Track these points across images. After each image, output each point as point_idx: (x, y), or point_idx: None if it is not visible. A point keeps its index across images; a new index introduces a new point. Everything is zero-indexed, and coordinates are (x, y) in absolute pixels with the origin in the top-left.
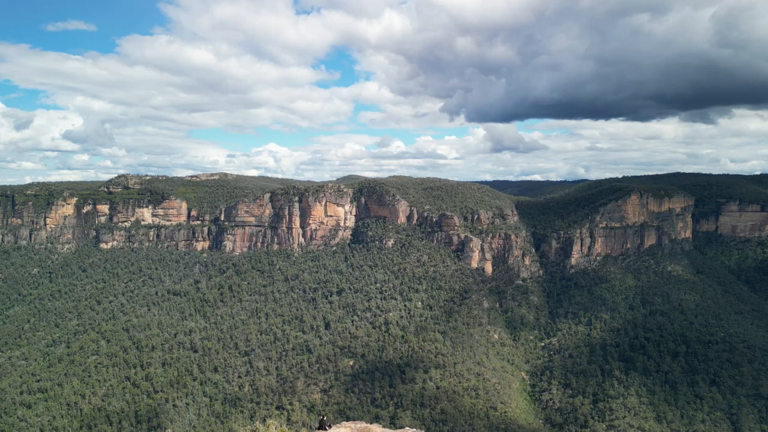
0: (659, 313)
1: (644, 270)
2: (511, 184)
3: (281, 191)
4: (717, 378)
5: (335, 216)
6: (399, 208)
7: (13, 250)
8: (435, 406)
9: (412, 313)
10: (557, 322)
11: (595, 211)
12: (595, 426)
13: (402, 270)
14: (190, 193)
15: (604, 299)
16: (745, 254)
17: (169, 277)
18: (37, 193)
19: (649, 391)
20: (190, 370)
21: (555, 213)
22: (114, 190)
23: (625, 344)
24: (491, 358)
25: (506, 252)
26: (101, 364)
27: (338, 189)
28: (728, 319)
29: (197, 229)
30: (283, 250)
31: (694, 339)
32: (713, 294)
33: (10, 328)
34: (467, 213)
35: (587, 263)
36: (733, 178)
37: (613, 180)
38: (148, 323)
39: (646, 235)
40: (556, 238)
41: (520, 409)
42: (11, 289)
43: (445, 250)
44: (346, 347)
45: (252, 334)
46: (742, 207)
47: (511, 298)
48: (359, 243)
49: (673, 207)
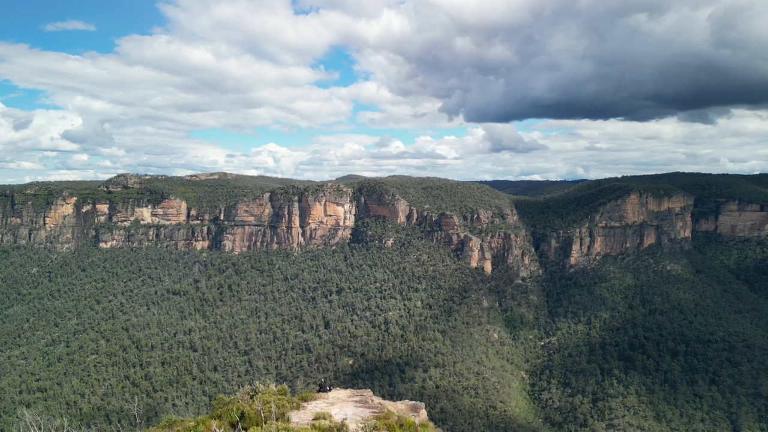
0: (659, 312)
1: (644, 269)
2: (511, 184)
3: (281, 191)
4: (716, 377)
5: (335, 215)
6: (398, 207)
7: (13, 250)
8: (434, 405)
9: (412, 312)
10: (557, 321)
11: (594, 211)
12: (594, 425)
13: (401, 269)
14: (189, 193)
15: (603, 298)
16: (744, 254)
17: (168, 276)
18: (37, 192)
19: (648, 390)
20: (189, 370)
21: (554, 212)
22: (113, 189)
23: (624, 343)
24: (491, 357)
25: (506, 251)
26: (101, 363)
27: (338, 188)
28: (727, 319)
29: (197, 229)
30: (283, 249)
31: (694, 338)
32: (712, 293)
33: (10, 327)
34: (467, 212)
35: (587, 262)
36: (733, 178)
37: (612, 180)
38: (147, 323)
39: (645, 235)
40: (555, 238)
41: (519, 408)
42: (11, 289)
43: (445, 249)
44: (345, 346)
45: (251, 334)
46: (741, 206)
47: (510, 298)
48: (359, 242)
49: (673, 206)
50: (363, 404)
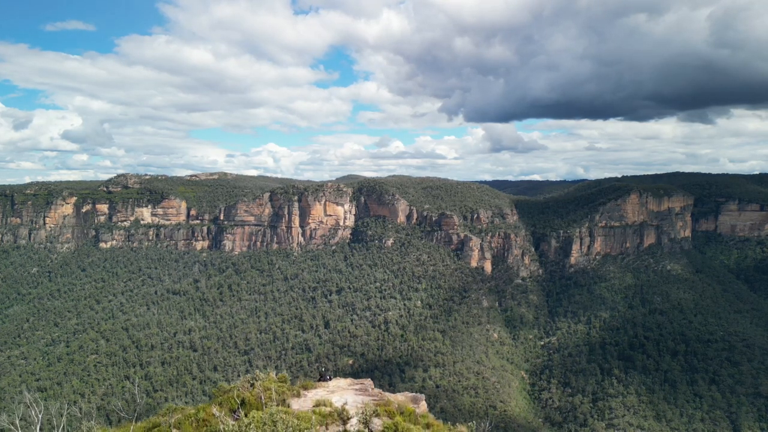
0: (658, 312)
1: (643, 269)
2: (511, 184)
3: (281, 191)
4: (716, 377)
5: (335, 215)
6: (398, 207)
7: (13, 250)
8: (435, 405)
9: (412, 312)
10: (557, 321)
11: (594, 211)
12: (594, 424)
13: (401, 269)
14: (189, 193)
15: (603, 298)
16: (744, 253)
17: (168, 276)
18: (37, 192)
19: (648, 390)
20: (189, 369)
21: (554, 212)
22: (113, 189)
23: (624, 343)
24: (491, 356)
25: (506, 251)
26: (100, 363)
27: (338, 188)
28: (727, 318)
29: (197, 229)
30: (283, 249)
31: (694, 338)
32: (712, 293)
33: (10, 327)
34: (467, 212)
35: (587, 262)
36: (733, 178)
37: (612, 179)
38: (147, 322)
39: (645, 235)
40: (555, 238)
41: (519, 407)
42: (10, 289)
43: (445, 249)
44: (345, 346)
45: (251, 333)
46: (741, 206)
47: (510, 297)
48: (359, 242)
49: (673, 206)
50: (363, 392)
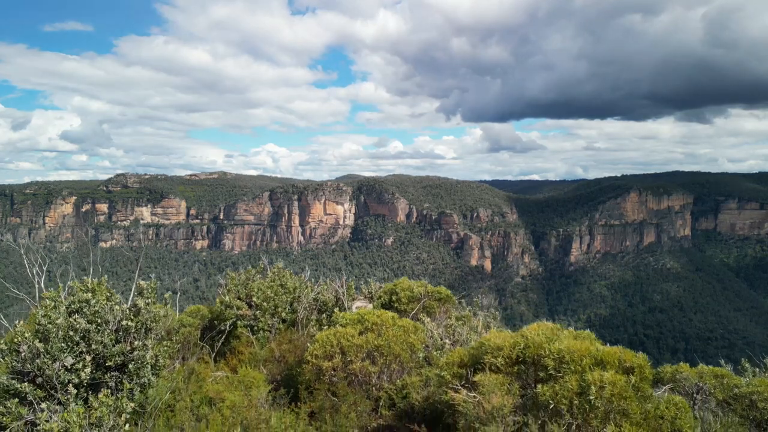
0: (658, 309)
1: (643, 267)
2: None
3: (280, 190)
4: None
5: (334, 214)
6: (398, 206)
7: (12, 249)
8: None
9: None
10: (556, 319)
11: (594, 209)
12: None
13: (401, 268)
14: (189, 192)
15: (603, 296)
16: (744, 252)
17: (168, 275)
18: (36, 192)
19: None
20: None
21: (554, 211)
22: (113, 188)
23: (624, 341)
24: None
25: (505, 250)
26: None
27: (337, 187)
28: (727, 316)
29: (196, 228)
30: (283, 248)
31: (694, 335)
32: (712, 291)
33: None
34: (466, 211)
35: (586, 260)
36: (732, 177)
37: (612, 178)
38: None
39: (645, 233)
40: (555, 236)
41: None
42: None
43: (445, 247)
44: None
45: None
46: (741, 205)
47: (510, 296)
48: (358, 241)
49: (672, 205)
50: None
